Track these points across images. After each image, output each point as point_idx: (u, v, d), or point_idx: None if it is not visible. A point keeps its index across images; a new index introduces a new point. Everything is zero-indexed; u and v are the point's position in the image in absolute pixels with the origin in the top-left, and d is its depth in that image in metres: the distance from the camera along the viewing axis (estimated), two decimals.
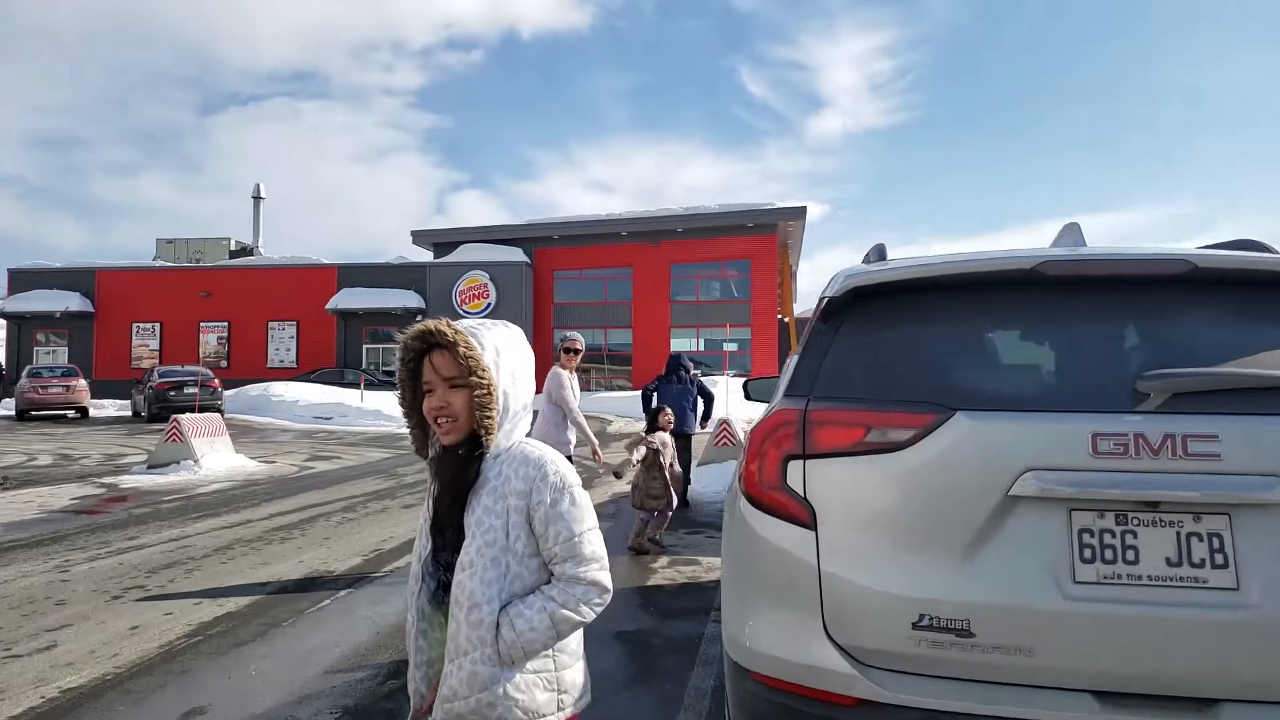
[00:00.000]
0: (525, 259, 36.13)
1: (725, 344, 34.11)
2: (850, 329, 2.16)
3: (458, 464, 1.71)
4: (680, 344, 36.03)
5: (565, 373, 6.35)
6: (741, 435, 11.33)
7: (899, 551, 1.86)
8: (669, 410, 7.93)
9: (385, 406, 24.31)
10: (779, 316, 35.49)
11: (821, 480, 1.95)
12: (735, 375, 30.48)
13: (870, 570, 1.87)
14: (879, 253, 2.62)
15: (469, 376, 1.66)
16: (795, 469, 1.98)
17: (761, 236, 34.57)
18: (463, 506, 1.70)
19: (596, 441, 6.56)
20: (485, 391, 1.67)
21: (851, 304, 2.20)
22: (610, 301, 36.79)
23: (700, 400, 9.75)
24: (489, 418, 1.68)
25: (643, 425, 8.83)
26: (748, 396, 4.88)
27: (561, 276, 37.20)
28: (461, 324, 1.73)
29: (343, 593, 5.66)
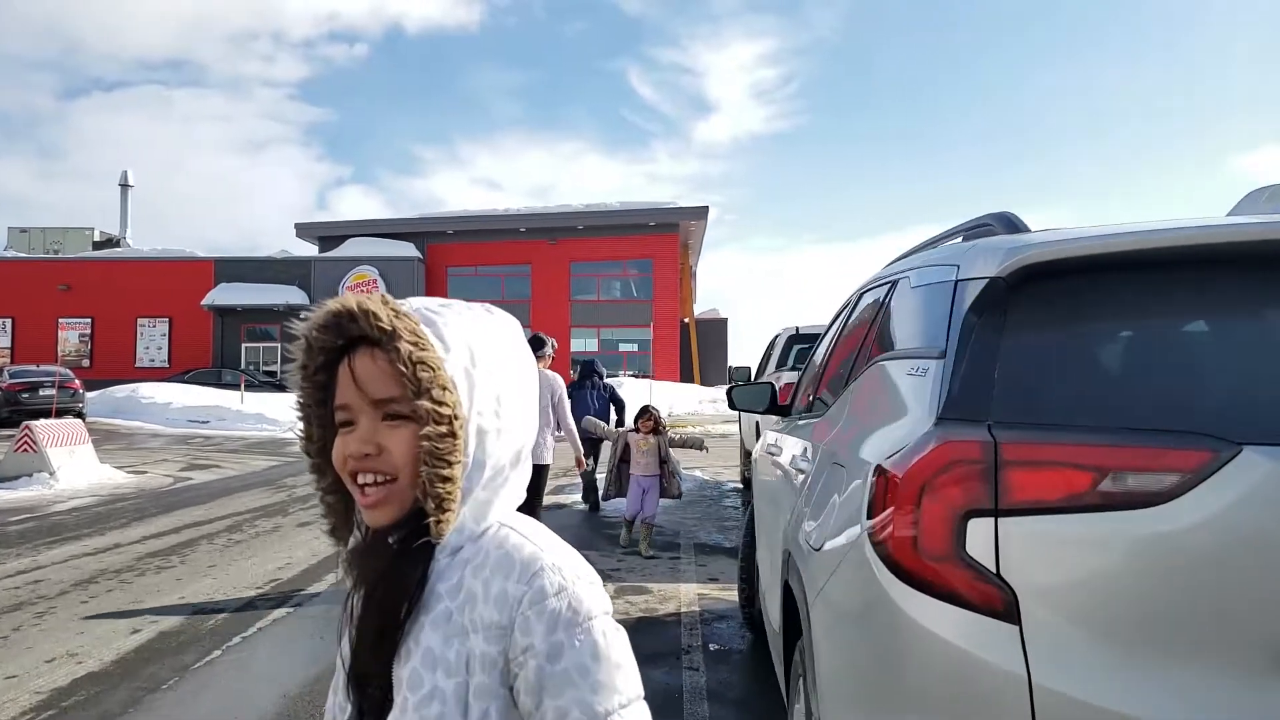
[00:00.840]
0: (417, 254, 34.64)
1: (621, 344, 33.65)
2: (1025, 322, 1.54)
3: (388, 563, 0.93)
4: (580, 344, 35.34)
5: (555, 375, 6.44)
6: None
7: (1158, 661, 1.27)
8: (654, 410, 7.59)
9: (268, 409, 22.61)
10: (681, 319, 35.26)
11: (1025, 549, 1.34)
12: (634, 376, 30.01)
13: (1114, 688, 1.26)
14: (1008, 222, 1.98)
15: (417, 399, 0.89)
16: (980, 531, 1.36)
17: (664, 235, 34.24)
18: (395, 644, 0.92)
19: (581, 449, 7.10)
20: (444, 430, 0.90)
21: (1021, 287, 1.59)
22: (508, 300, 35.69)
23: (611, 406, 9.81)
24: (446, 478, 0.90)
25: None
26: (733, 406, 4.27)
27: (456, 273, 35.88)
28: (410, 303, 0.97)
29: (237, 639, 4.74)
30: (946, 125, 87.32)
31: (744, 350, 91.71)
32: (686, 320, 36.21)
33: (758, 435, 9.71)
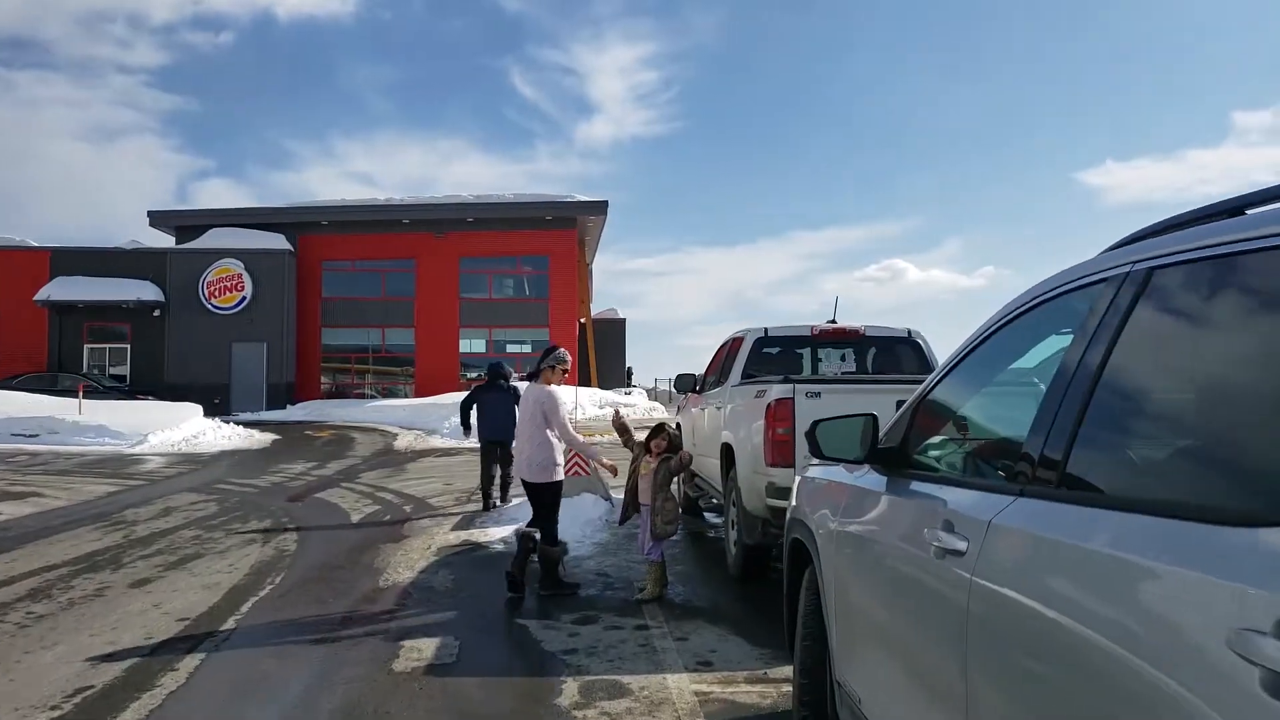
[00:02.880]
0: (288, 246, 31.69)
1: (509, 346, 31.80)
2: None
3: None
4: (468, 345, 33.24)
5: (558, 389, 6.16)
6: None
7: None
8: (670, 429, 6.40)
9: (112, 420, 19.65)
10: (580, 320, 33.66)
11: None
12: (521, 379, 28.20)
13: None
14: None
15: None
16: None
17: (561, 231, 32.49)
18: None
19: (599, 452, 6.63)
20: None
21: None
22: (390, 297, 33.21)
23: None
24: None
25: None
26: (818, 451, 2.78)
27: (331, 267, 33.07)
28: None
29: None
30: (822, 132, 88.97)
31: (637, 354, 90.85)
32: (583, 320, 34.63)
33: (693, 444, 8.29)
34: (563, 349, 6.43)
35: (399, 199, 34.33)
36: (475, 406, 9.96)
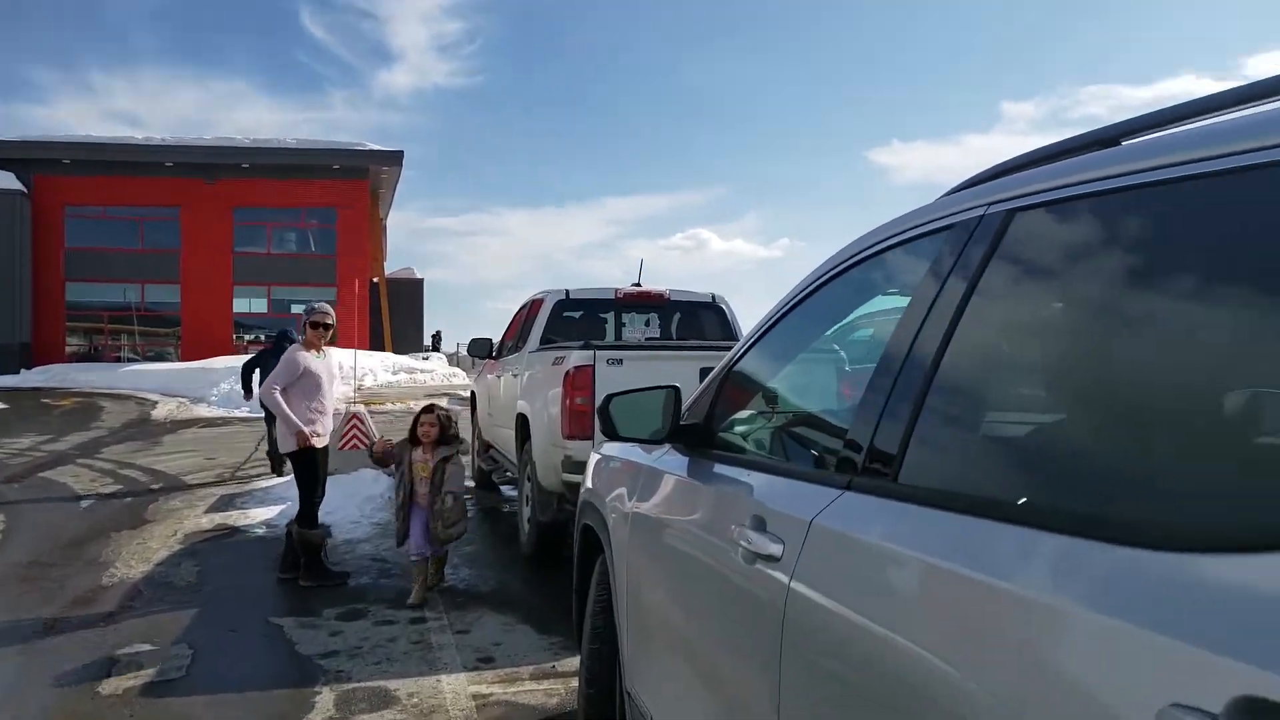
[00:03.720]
0: (20, 186, 27.57)
1: (294, 306, 29.53)
2: None
3: None
4: (244, 305, 30.59)
5: (308, 354, 5.41)
6: (374, 429, 8.43)
7: None
8: (441, 409, 5.47)
9: None
10: (372, 279, 31.73)
11: None
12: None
13: None
14: None
15: None
16: None
17: (351, 182, 30.30)
18: None
19: (303, 427, 5.27)
20: None
21: None
22: (150, 249, 29.80)
23: None
24: None
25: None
26: (612, 432, 2.35)
27: (76, 213, 29.17)
28: None
29: None
30: (630, 98, 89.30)
31: (441, 318, 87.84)
32: (376, 280, 32.71)
33: (489, 413, 7.77)
34: (321, 304, 5.66)
35: (161, 138, 30.74)
36: (259, 371, 9.21)
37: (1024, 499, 1.17)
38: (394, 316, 33.63)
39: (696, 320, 6.82)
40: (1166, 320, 1.10)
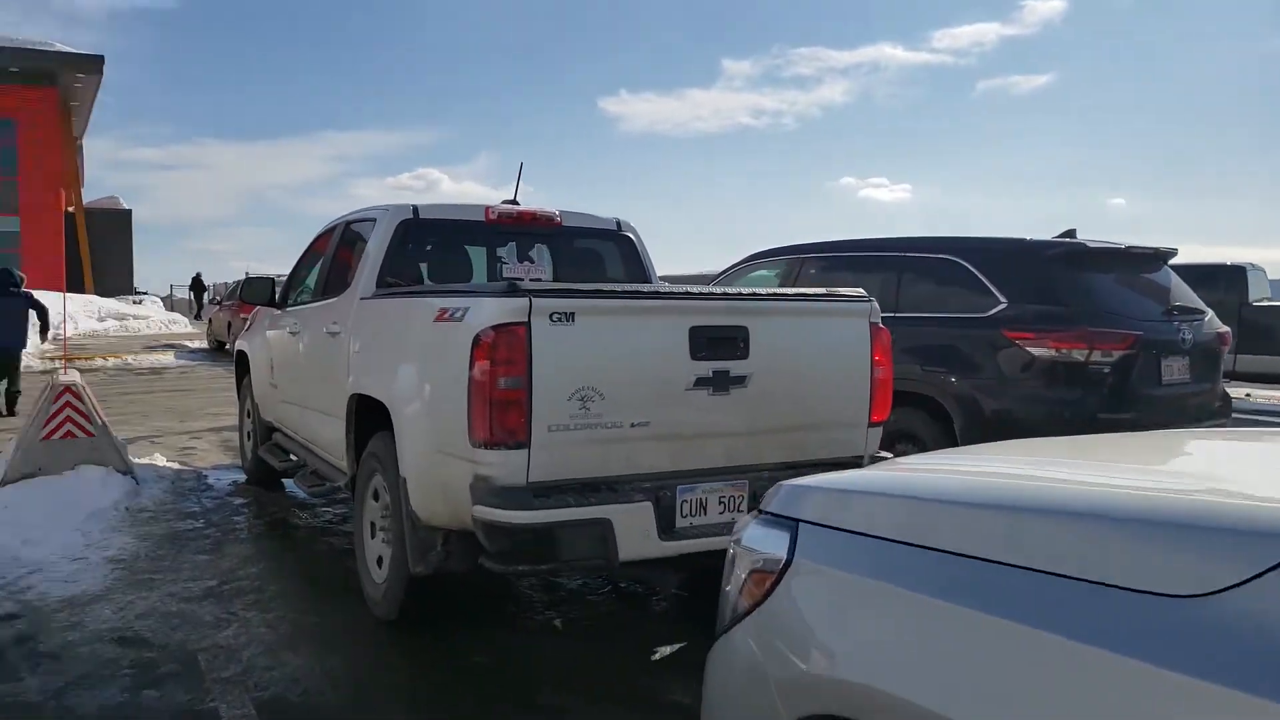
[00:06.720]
0: None
1: None
2: None
3: None
4: None
5: None
6: (96, 405, 5.69)
7: None
8: None
9: None
10: (66, 207, 25.95)
11: None
12: None
13: None
14: None
15: None
16: None
17: (36, 89, 24.29)
18: None
19: None
20: None
21: None
22: None
23: (34, 314, 9.23)
24: None
25: None
26: None
27: None
28: None
29: None
30: (345, 26, 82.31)
31: (143, 257, 76.63)
32: (72, 209, 26.88)
33: (273, 384, 5.42)
34: None
35: None
36: None
37: None
38: (95, 253, 27.85)
39: (594, 255, 4.97)
40: None
